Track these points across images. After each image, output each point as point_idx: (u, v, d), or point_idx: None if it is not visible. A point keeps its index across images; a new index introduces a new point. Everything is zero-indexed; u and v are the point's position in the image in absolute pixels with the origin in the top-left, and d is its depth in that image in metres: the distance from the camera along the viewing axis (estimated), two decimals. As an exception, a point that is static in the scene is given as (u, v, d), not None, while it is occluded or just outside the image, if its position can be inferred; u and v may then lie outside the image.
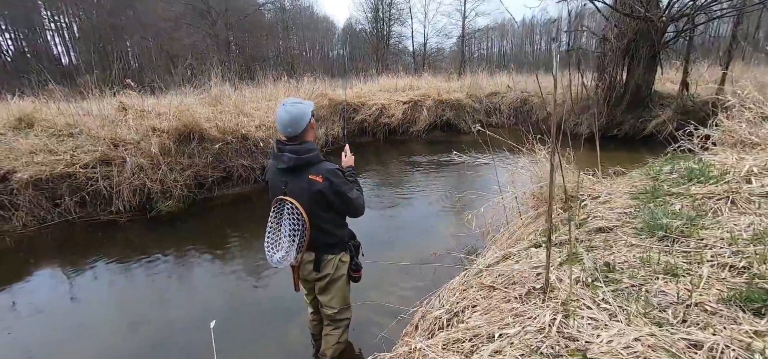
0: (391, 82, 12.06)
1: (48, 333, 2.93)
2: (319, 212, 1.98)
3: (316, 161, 1.93)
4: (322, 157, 1.99)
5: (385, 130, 10.00)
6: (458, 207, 3.11)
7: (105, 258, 4.08)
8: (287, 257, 2.03)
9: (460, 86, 11.92)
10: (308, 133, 1.99)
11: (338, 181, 1.92)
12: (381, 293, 3.21)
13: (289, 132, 1.89)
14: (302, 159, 1.91)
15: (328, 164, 1.96)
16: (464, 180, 6.47)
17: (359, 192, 2.08)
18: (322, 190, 1.90)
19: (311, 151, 1.93)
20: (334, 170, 1.93)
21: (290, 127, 1.88)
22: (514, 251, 1.93)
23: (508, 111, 11.32)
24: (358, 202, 2.02)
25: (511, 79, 13.36)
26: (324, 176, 1.89)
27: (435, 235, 4.22)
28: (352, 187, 2.02)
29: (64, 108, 6.03)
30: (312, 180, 1.90)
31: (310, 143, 1.98)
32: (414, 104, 10.32)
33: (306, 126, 1.93)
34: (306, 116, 1.94)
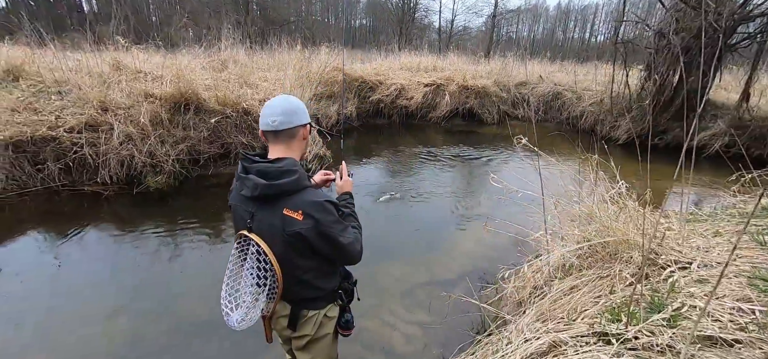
0: (414, 60, 11.21)
1: (32, 297, 2.88)
2: (296, 261, 1.42)
3: (296, 188, 1.34)
4: (307, 181, 1.39)
5: (402, 113, 9.28)
6: (485, 229, 2.51)
7: (92, 229, 3.93)
8: (248, 319, 1.48)
9: (487, 72, 10.98)
10: (296, 143, 1.44)
11: (327, 220, 1.35)
12: (378, 323, 2.68)
13: (275, 125, 1.36)
14: (275, 187, 1.31)
15: (313, 193, 1.37)
16: (485, 181, 5.79)
17: (356, 231, 1.52)
18: (301, 232, 1.32)
19: (291, 173, 1.33)
20: (321, 204, 1.34)
21: (281, 116, 1.36)
22: (568, 339, 1.33)
23: (536, 104, 10.39)
24: (353, 248, 1.45)
25: (544, 68, 12.29)
26: (305, 212, 1.32)
27: (449, 253, 3.63)
28: (346, 227, 1.44)
29: (54, 63, 5.53)
30: (288, 217, 1.32)
31: (292, 162, 1.37)
32: (436, 87, 9.52)
33: (298, 129, 1.41)
34: (303, 116, 1.44)
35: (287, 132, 1.40)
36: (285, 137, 1.40)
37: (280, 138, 1.40)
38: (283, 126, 1.37)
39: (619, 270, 1.60)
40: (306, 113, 1.47)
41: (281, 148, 1.42)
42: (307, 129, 1.49)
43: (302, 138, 1.47)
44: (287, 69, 6.85)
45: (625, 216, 1.89)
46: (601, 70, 11.43)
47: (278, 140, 1.41)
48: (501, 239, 2.84)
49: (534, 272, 1.99)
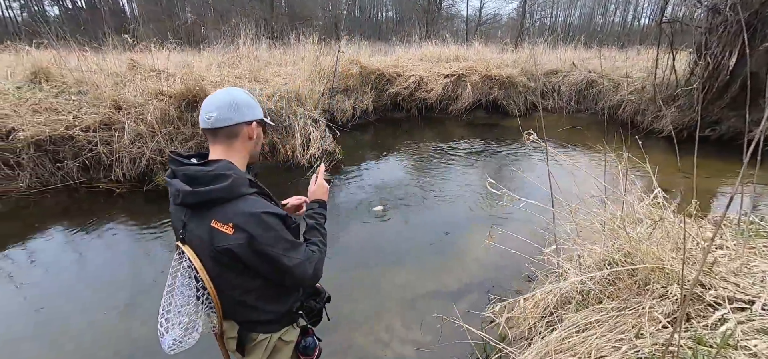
0: (435, 50, 10.74)
1: (56, 287, 2.99)
2: (233, 280, 1.21)
3: (228, 196, 1.12)
4: (247, 187, 1.16)
5: (421, 106, 8.90)
6: (490, 237, 2.18)
7: (109, 224, 4.02)
8: (180, 343, 1.28)
9: (513, 60, 10.31)
10: (239, 144, 1.23)
11: (265, 237, 1.12)
12: (371, 339, 2.43)
13: (211, 121, 1.17)
14: (200, 194, 1.11)
15: (251, 203, 1.13)
16: (507, 180, 5.34)
17: (314, 249, 1.27)
18: (231, 249, 1.10)
19: (223, 178, 1.12)
20: (258, 217, 1.11)
21: (218, 110, 1.17)
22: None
23: (569, 94, 9.62)
24: (300, 270, 1.20)
25: (578, 55, 11.38)
26: (237, 225, 1.10)
27: (460, 259, 3.30)
28: (294, 245, 1.19)
29: (77, 65, 5.70)
30: (216, 231, 1.11)
31: (226, 165, 1.16)
32: (457, 78, 9.04)
33: (240, 128, 1.21)
34: (248, 112, 1.23)
35: (226, 131, 1.19)
36: (224, 136, 1.20)
37: (218, 138, 1.20)
38: (220, 123, 1.17)
39: (650, 307, 1.23)
40: (254, 108, 1.26)
41: (221, 149, 1.21)
42: (254, 128, 1.26)
43: (248, 138, 1.25)
44: (302, 63, 6.68)
45: (661, 233, 1.49)
46: (644, 56, 10.40)
47: (217, 140, 1.21)
48: (516, 244, 2.49)
49: (543, 296, 1.64)
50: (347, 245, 3.50)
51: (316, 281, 1.27)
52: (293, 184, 4.95)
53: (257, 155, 1.35)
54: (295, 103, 5.55)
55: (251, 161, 1.32)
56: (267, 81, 5.92)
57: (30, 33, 6.96)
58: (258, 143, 1.32)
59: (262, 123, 1.32)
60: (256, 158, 1.35)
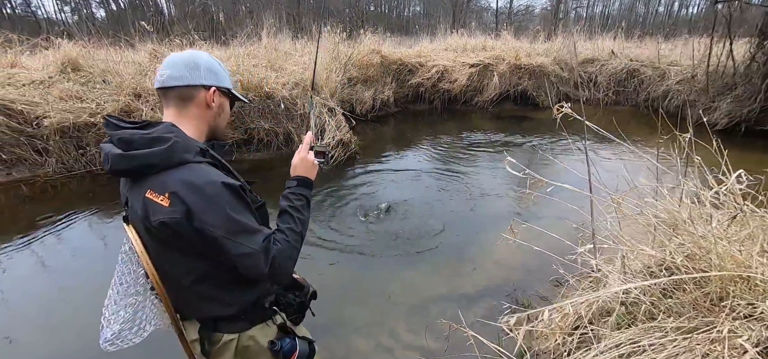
0: (460, 41, 10.29)
1: (81, 269, 3.01)
2: (178, 262, 1.02)
3: (167, 162, 0.94)
4: (193, 154, 0.96)
5: (444, 97, 8.52)
6: (511, 230, 1.87)
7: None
8: (121, 340, 1.10)
9: (545, 49, 9.68)
10: (194, 110, 1.06)
11: (205, 211, 0.91)
12: (371, 344, 2.18)
13: (163, 79, 1.03)
14: (133, 159, 0.93)
15: (195, 171, 0.94)
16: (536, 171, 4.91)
17: (280, 242, 1.01)
18: (167, 223, 0.91)
19: (161, 141, 0.94)
20: (199, 187, 0.91)
21: (172, 68, 1.03)
22: None
23: (607, 84, 8.88)
24: (252, 262, 0.96)
25: (618, 43, 10.52)
26: (173, 194, 0.91)
27: (477, 260, 2.97)
28: (248, 231, 0.96)
29: (101, 55, 5.84)
30: (150, 202, 0.93)
31: (167, 127, 0.99)
32: (483, 67, 8.57)
33: (196, 91, 1.05)
34: (208, 75, 1.07)
35: (178, 92, 1.05)
36: (175, 98, 1.05)
37: (170, 99, 1.06)
38: (172, 81, 1.03)
39: (731, 331, 0.89)
40: (218, 74, 1.10)
41: (171, 114, 1.06)
42: (214, 95, 1.08)
43: (206, 106, 1.08)
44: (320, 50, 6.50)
45: (741, 229, 1.12)
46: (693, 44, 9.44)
47: (168, 102, 1.06)
48: (543, 243, 2.15)
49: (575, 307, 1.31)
50: (354, 242, 3.26)
51: (278, 279, 1.02)
52: (306, 174, 4.79)
53: (222, 129, 1.18)
54: (310, 91, 5.37)
55: (213, 134, 1.15)
56: (284, 69, 5.79)
57: (62, 30, 7.26)
58: (220, 115, 1.15)
59: (229, 95, 1.17)
60: (221, 132, 1.18)
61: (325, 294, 2.60)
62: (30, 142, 4.83)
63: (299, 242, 1.07)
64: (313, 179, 1.23)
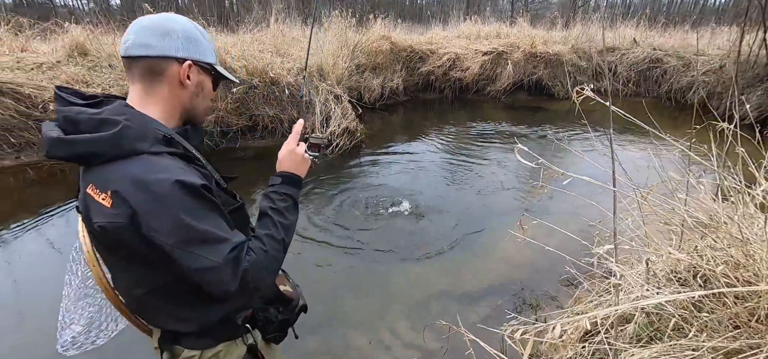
0: (473, 28, 9.95)
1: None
2: (125, 270, 0.87)
3: (114, 151, 0.76)
4: (150, 143, 0.79)
5: (455, 86, 8.26)
6: (521, 227, 1.72)
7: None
8: (78, 345, 0.99)
9: (563, 37, 9.28)
10: (164, 88, 0.86)
11: (154, 216, 0.74)
12: (369, 340, 2.06)
13: (127, 46, 0.83)
14: (74, 144, 0.76)
15: (147, 163, 0.77)
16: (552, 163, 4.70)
17: (255, 252, 0.84)
18: (107, 228, 0.75)
19: (110, 124, 0.77)
20: (148, 185, 0.74)
21: (136, 34, 0.83)
22: None
23: (627, 74, 8.48)
24: (214, 278, 0.79)
25: (640, 31, 10.01)
26: (117, 194, 0.74)
27: (485, 256, 2.82)
28: (209, 240, 0.78)
29: (109, 40, 5.80)
30: (90, 200, 0.77)
31: (119, 107, 0.82)
32: (497, 55, 8.26)
33: (167, 64, 0.85)
34: (183, 45, 0.86)
35: (145, 65, 0.84)
36: (141, 71, 0.85)
37: (135, 72, 0.85)
38: (136, 50, 0.83)
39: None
40: (197, 44, 0.88)
41: (137, 91, 0.87)
42: (190, 71, 0.87)
43: (179, 84, 0.87)
44: (327, 35, 6.33)
45: None
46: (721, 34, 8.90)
47: (133, 76, 0.86)
48: (556, 241, 2.00)
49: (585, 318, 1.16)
50: (357, 234, 3.14)
51: (249, 297, 0.87)
52: (310, 163, 4.68)
53: (200, 112, 0.96)
54: (317, 77, 5.23)
55: (190, 118, 0.95)
56: (290, 55, 5.65)
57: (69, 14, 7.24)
58: (199, 96, 0.94)
59: (212, 72, 0.95)
60: (199, 116, 0.97)
61: (325, 285, 2.51)
62: (37, 126, 4.84)
63: (280, 251, 0.90)
64: (302, 176, 1.04)
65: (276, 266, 0.89)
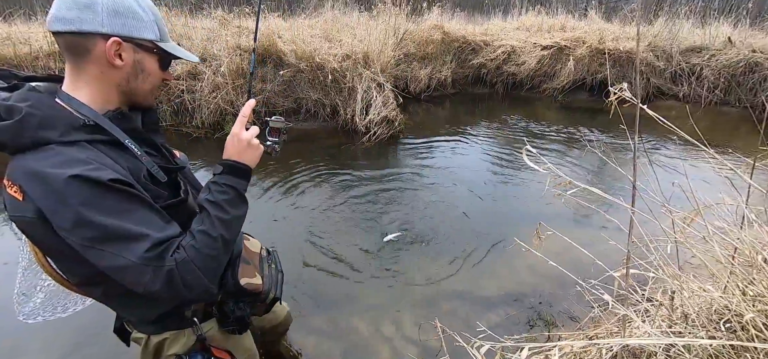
0: (536, 19, 9.29)
1: None
2: (57, 262, 0.88)
3: (15, 142, 0.73)
4: (64, 132, 0.75)
5: (508, 82, 7.83)
6: (538, 235, 1.59)
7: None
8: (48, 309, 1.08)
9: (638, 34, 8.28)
10: (94, 68, 0.80)
11: (56, 213, 0.71)
12: (373, 329, 2.07)
13: (49, 20, 0.77)
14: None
15: (48, 155, 0.72)
16: (608, 176, 4.29)
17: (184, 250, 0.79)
18: (19, 222, 0.74)
19: (13, 112, 0.73)
20: (41, 178, 0.70)
21: (56, 5, 0.76)
22: None
23: (714, 79, 7.37)
24: (131, 278, 0.75)
25: (738, 32, 8.61)
26: (23, 188, 0.72)
27: (509, 262, 2.67)
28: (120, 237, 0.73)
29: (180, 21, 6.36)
30: (5, 191, 0.75)
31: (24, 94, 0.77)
32: (558, 50, 7.65)
33: (93, 42, 0.77)
34: (109, 20, 0.77)
35: (67, 41, 0.78)
36: (65, 49, 0.79)
37: (62, 49, 0.80)
38: (55, 24, 0.76)
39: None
40: (125, 18, 0.79)
41: (68, 70, 0.82)
42: (120, 48, 0.79)
43: (107, 63, 0.79)
44: (377, 21, 6.31)
45: None
46: None
47: (64, 55, 0.81)
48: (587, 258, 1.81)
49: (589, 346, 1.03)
50: (380, 223, 3.14)
51: (183, 296, 0.78)
52: (346, 148, 4.75)
53: (143, 94, 0.88)
54: (361, 64, 5.26)
55: (132, 101, 0.88)
56: (339, 41, 5.74)
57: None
58: (138, 76, 0.84)
59: (154, 50, 0.85)
60: (142, 99, 0.89)
61: (339, 269, 2.55)
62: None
63: (217, 249, 0.82)
64: (249, 164, 0.94)
65: (213, 265, 0.83)
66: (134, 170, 0.81)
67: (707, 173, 3.99)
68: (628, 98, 1.23)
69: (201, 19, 6.96)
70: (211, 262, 0.82)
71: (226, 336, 1.11)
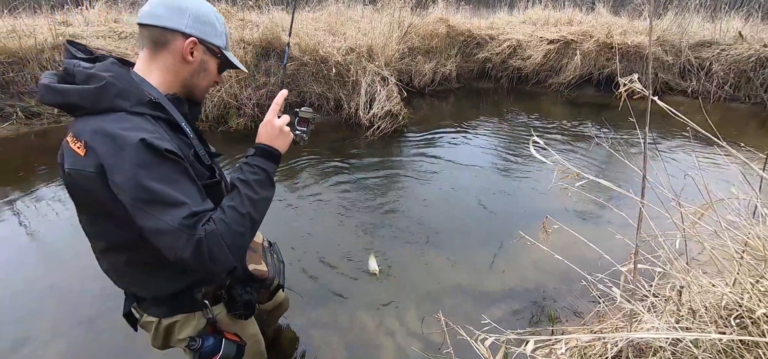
0: (543, 13, 9.17)
1: None
2: (91, 223, 0.93)
3: (92, 105, 0.82)
4: (132, 102, 0.84)
5: (513, 76, 7.75)
6: (544, 230, 1.57)
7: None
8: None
9: (646, 28, 8.16)
10: (168, 59, 0.93)
11: (116, 169, 0.77)
12: (376, 323, 2.07)
13: (141, 14, 0.92)
14: (63, 94, 0.83)
15: (121, 119, 0.81)
16: (615, 170, 4.24)
17: (214, 223, 0.83)
18: (73, 175, 0.81)
19: (95, 79, 0.82)
20: (113, 138, 0.78)
21: (150, 4, 0.92)
22: None
23: (723, 74, 7.25)
24: (167, 243, 0.80)
25: (750, 25, 8.44)
26: (87, 145, 0.79)
27: (514, 258, 2.65)
28: (165, 202, 0.79)
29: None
30: (67, 148, 0.84)
31: (109, 65, 0.87)
32: (564, 44, 7.55)
33: (173, 37, 0.91)
34: (193, 24, 0.92)
35: (152, 33, 0.91)
36: (149, 39, 0.92)
37: (144, 39, 0.93)
38: (148, 18, 0.90)
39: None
40: (206, 26, 0.95)
41: (143, 56, 0.95)
42: (194, 48, 0.93)
43: (181, 58, 0.93)
44: (382, 14, 6.26)
45: None
46: None
47: (143, 42, 0.94)
48: (594, 253, 1.78)
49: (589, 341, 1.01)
50: (383, 216, 3.13)
51: (206, 268, 0.82)
52: (350, 142, 4.73)
53: (200, 90, 1.02)
54: (366, 58, 5.23)
55: (189, 94, 1.00)
56: (343, 34, 5.70)
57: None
58: (200, 74, 0.99)
59: (219, 55, 1.00)
60: (199, 93, 1.03)
61: (343, 261, 2.55)
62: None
63: (244, 226, 0.87)
64: (279, 149, 1.01)
65: (238, 242, 0.87)
66: (184, 149, 0.90)
67: (718, 168, 3.94)
68: (639, 89, 1.21)
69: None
70: (237, 239, 0.86)
71: (234, 321, 1.16)
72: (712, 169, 3.98)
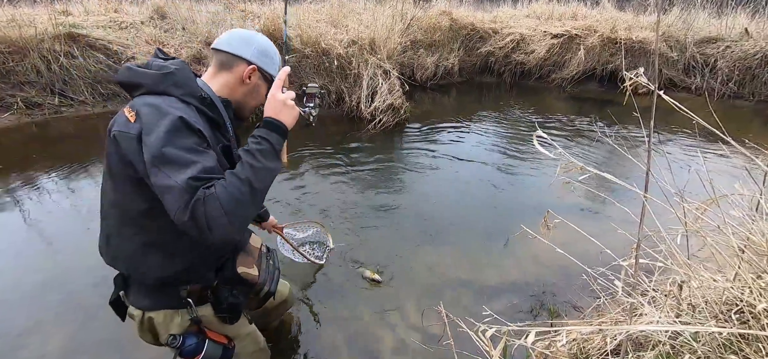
0: (546, 7, 9.09)
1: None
2: (114, 192, 0.99)
3: (153, 86, 0.97)
4: (187, 93, 0.98)
5: (516, 71, 7.70)
6: (545, 224, 1.56)
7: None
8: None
9: (652, 23, 8.10)
10: (231, 79, 1.10)
11: (149, 128, 0.87)
12: (376, 317, 2.07)
13: (217, 41, 1.13)
14: (134, 74, 0.99)
15: (171, 101, 0.94)
16: (617, 165, 4.22)
17: (215, 187, 0.83)
18: (120, 136, 0.90)
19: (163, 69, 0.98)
20: (159, 109, 0.90)
21: (227, 37, 1.13)
22: None
23: (728, 71, 7.19)
24: (169, 200, 0.82)
25: (756, 21, 8.35)
26: (138, 114, 0.91)
27: (515, 252, 2.65)
28: (177, 164, 0.83)
29: (186, 5, 6.28)
30: (120, 114, 0.95)
31: (180, 64, 1.02)
32: (568, 39, 7.50)
33: (237, 63, 1.10)
34: (256, 56, 1.11)
35: (223, 56, 1.11)
36: (219, 60, 1.11)
37: (215, 58, 1.13)
38: (222, 45, 1.11)
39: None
40: (267, 58, 1.14)
41: (211, 70, 1.13)
42: (252, 74, 1.11)
43: (241, 80, 1.11)
44: (384, 6, 6.21)
45: None
46: None
47: (215, 61, 1.13)
48: (595, 248, 1.77)
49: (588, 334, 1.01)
50: (383, 210, 3.13)
51: (201, 234, 0.82)
52: (351, 135, 4.72)
53: (248, 109, 1.18)
54: (367, 51, 5.20)
55: (238, 110, 1.15)
56: (345, 26, 5.67)
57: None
58: (252, 95, 1.15)
59: (270, 81, 1.15)
60: (246, 112, 1.18)
61: (341, 255, 2.55)
62: (123, 78, 5.49)
63: (243, 193, 0.86)
64: (285, 122, 1.00)
65: (238, 210, 0.85)
66: (213, 141, 0.99)
67: (721, 165, 3.92)
68: (645, 83, 1.19)
69: (206, 3, 6.91)
70: (236, 206, 0.84)
71: (220, 322, 1.16)
72: (717, 165, 3.97)
